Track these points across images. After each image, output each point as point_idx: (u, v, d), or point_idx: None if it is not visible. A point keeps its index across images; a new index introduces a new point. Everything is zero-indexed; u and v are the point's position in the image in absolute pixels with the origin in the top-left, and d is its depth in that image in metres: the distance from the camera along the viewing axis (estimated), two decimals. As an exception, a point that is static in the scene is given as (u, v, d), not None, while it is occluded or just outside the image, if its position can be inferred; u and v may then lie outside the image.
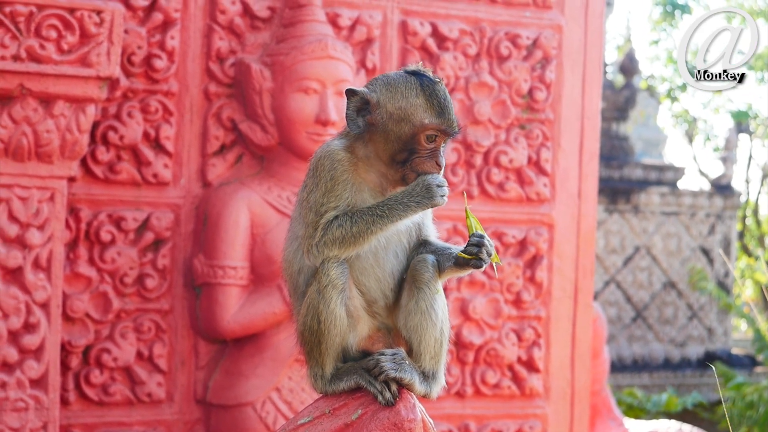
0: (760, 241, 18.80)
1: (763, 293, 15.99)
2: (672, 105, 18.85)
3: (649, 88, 18.07)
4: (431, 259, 2.64)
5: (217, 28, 4.59)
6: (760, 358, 12.20)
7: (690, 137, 19.38)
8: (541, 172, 5.08)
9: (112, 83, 4.37)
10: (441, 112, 2.57)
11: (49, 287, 4.15)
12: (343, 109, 4.26)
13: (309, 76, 4.46)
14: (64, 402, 4.37)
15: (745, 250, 18.14)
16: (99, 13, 4.09)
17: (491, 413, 4.99)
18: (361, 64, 4.77)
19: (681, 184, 12.85)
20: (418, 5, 4.90)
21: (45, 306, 4.15)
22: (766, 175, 18.94)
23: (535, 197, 5.07)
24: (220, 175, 4.60)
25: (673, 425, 6.30)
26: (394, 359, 2.57)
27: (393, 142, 2.58)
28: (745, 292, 17.12)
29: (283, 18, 4.62)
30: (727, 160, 13.44)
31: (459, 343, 4.93)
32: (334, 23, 4.71)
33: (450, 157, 4.90)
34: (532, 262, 5.06)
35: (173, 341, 4.54)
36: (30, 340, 4.13)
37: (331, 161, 2.59)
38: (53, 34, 4.04)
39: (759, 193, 18.95)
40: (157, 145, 4.51)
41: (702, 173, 18.81)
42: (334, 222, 2.56)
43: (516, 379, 5.04)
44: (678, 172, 12.73)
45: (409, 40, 4.88)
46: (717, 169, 20.25)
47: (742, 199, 17.28)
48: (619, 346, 11.97)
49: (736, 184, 14.82)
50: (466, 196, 4.69)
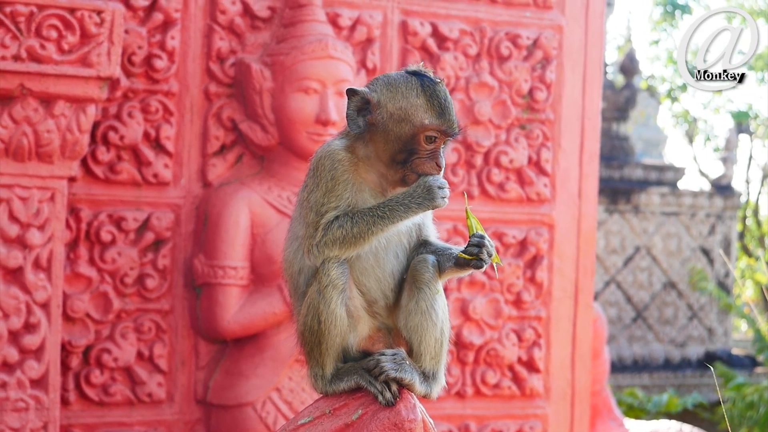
0: (761, 241, 18.80)
1: (763, 294, 15.99)
2: (672, 105, 18.86)
3: (649, 89, 18.06)
4: (432, 259, 2.64)
5: (218, 28, 4.59)
6: (760, 358, 12.19)
7: (690, 137, 19.38)
8: (541, 172, 5.07)
9: (113, 83, 4.37)
10: (441, 113, 2.56)
11: (50, 287, 4.15)
12: (343, 109, 4.26)
13: (309, 76, 4.46)
14: (65, 402, 4.37)
15: (745, 250, 18.14)
16: (99, 13, 4.09)
17: (491, 413, 4.99)
18: (362, 64, 4.77)
19: (681, 185, 12.86)
20: (418, 5, 4.90)
21: (45, 306, 4.15)
22: (766, 175, 18.93)
23: (535, 197, 5.06)
24: (221, 175, 4.60)
25: (673, 425, 6.30)
26: (395, 359, 2.57)
27: (393, 143, 2.57)
28: (746, 293, 17.12)
29: (283, 18, 4.62)
30: (727, 160, 13.44)
31: (459, 344, 4.93)
32: (334, 23, 4.71)
33: (450, 157, 4.90)
34: (533, 263, 5.06)
35: (173, 341, 4.54)
36: (30, 340, 4.12)
37: (332, 161, 2.59)
38: (54, 34, 4.04)
39: (759, 193, 18.96)
40: (158, 145, 4.51)
41: (702, 173, 18.81)
42: (334, 222, 2.56)
43: (516, 379, 5.03)
44: (678, 172, 12.73)
45: (410, 40, 4.87)
46: (717, 170, 20.26)
47: (743, 199, 17.27)
48: (620, 347, 11.97)
49: (737, 185, 14.83)
50: (467, 197, 4.70)
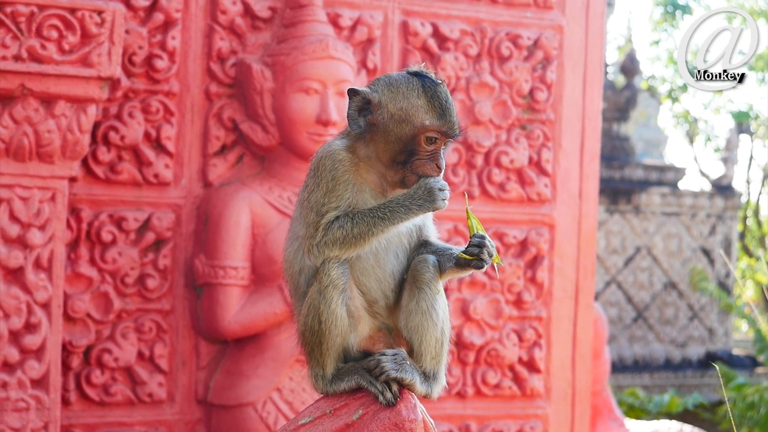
0: (761, 241, 18.79)
1: (763, 294, 15.99)
2: (673, 105, 18.85)
3: (650, 89, 18.06)
4: (432, 259, 2.64)
5: (218, 28, 4.59)
6: (760, 358, 12.19)
7: (691, 138, 19.38)
8: (542, 172, 5.07)
9: (113, 83, 4.37)
10: (442, 114, 2.56)
11: (50, 287, 4.15)
12: (344, 109, 4.26)
13: (310, 76, 4.46)
14: (65, 402, 4.37)
15: (745, 250, 18.14)
16: (100, 13, 4.09)
17: (492, 413, 4.99)
18: (362, 64, 4.77)
19: (682, 185, 12.86)
20: (419, 6, 4.90)
21: (46, 306, 4.15)
22: (766, 175, 18.93)
23: (536, 198, 5.06)
24: (221, 175, 4.60)
25: (674, 426, 6.29)
26: (395, 359, 2.57)
27: (393, 143, 2.57)
28: (746, 293, 17.12)
29: (284, 18, 4.62)
30: (727, 160, 13.45)
31: (460, 344, 4.93)
32: (335, 23, 4.71)
33: (451, 157, 4.90)
34: (533, 263, 5.06)
35: (174, 341, 4.54)
36: (31, 340, 4.13)
37: (333, 161, 2.59)
38: (54, 35, 4.04)
39: (760, 193, 18.95)
40: (158, 146, 4.52)
41: (703, 174, 18.80)
42: (335, 222, 2.56)
43: (517, 379, 5.03)
44: (679, 172, 12.73)
45: (410, 40, 4.87)
46: (718, 170, 20.26)
47: (743, 199, 17.27)
48: (620, 347, 11.97)
49: (737, 185, 14.83)
50: (467, 197, 4.69)
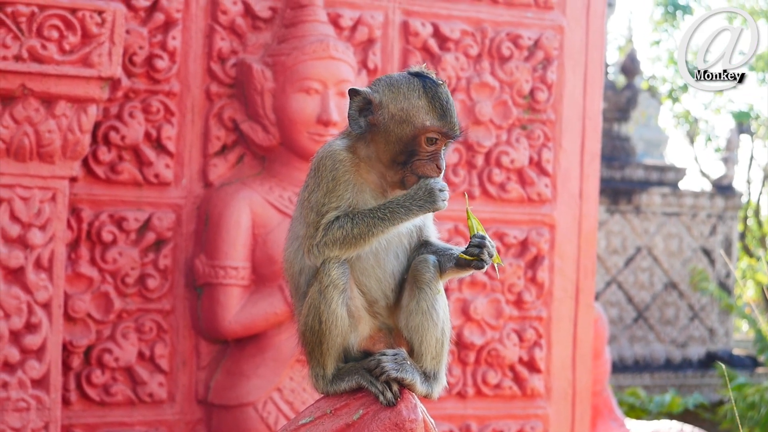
0: (762, 241, 18.79)
1: (764, 294, 15.98)
2: (673, 105, 18.84)
3: (650, 89, 18.05)
4: (432, 259, 2.64)
5: (219, 28, 4.59)
6: (761, 358, 12.19)
7: (691, 138, 19.37)
8: (542, 172, 5.07)
9: (114, 83, 4.37)
10: (443, 115, 2.56)
11: (51, 287, 4.15)
12: (345, 109, 4.26)
13: (310, 76, 4.46)
14: (66, 402, 4.37)
15: (746, 250, 18.13)
16: (100, 13, 4.09)
17: (492, 414, 4.99)
18: (363, 64, 4.77)
19: (682, 185, 12.85)
20: (419, 6, 4.90)
21: (46, 306, 4.15)
22: (767, 175, 18.93)
23: (536, 198, 5.06)
24: (222, 175, 4.61)
25: (674, 426, 6.29)
26: (396, 359, 2.57)
27: (394, 144, 2.57)
28: (747, 293, 17.11)
29: (284, 18, 4.62)
30: (728, 160, 13.44)
31: (460, 344, 4.93)
32: (335, 23, 4.71)
33: (451, 157, 4.90)
34: (534, 263, 5.06)
35: (174, 341, 4.54)
36: (31, 340, 4.13)
37: (333, 161, 2.59)
38: (55, 35, 4.04)
39: (760, 193, 18.94)
40: (159, 146, 4.52)
41: (703, 174, 18.79)
42: (335, 222, 2.56)
43: (517, 379, 5.03)
44: (679, 172, 12.73)
45: (411, 40, 4.87)
46: (718, 170, 20.21)
47: (744, 199, 17.27)
48: (621, 347, 11.97)
49: (738, 185, 14.82)
50: (468, 197, 4.70)
